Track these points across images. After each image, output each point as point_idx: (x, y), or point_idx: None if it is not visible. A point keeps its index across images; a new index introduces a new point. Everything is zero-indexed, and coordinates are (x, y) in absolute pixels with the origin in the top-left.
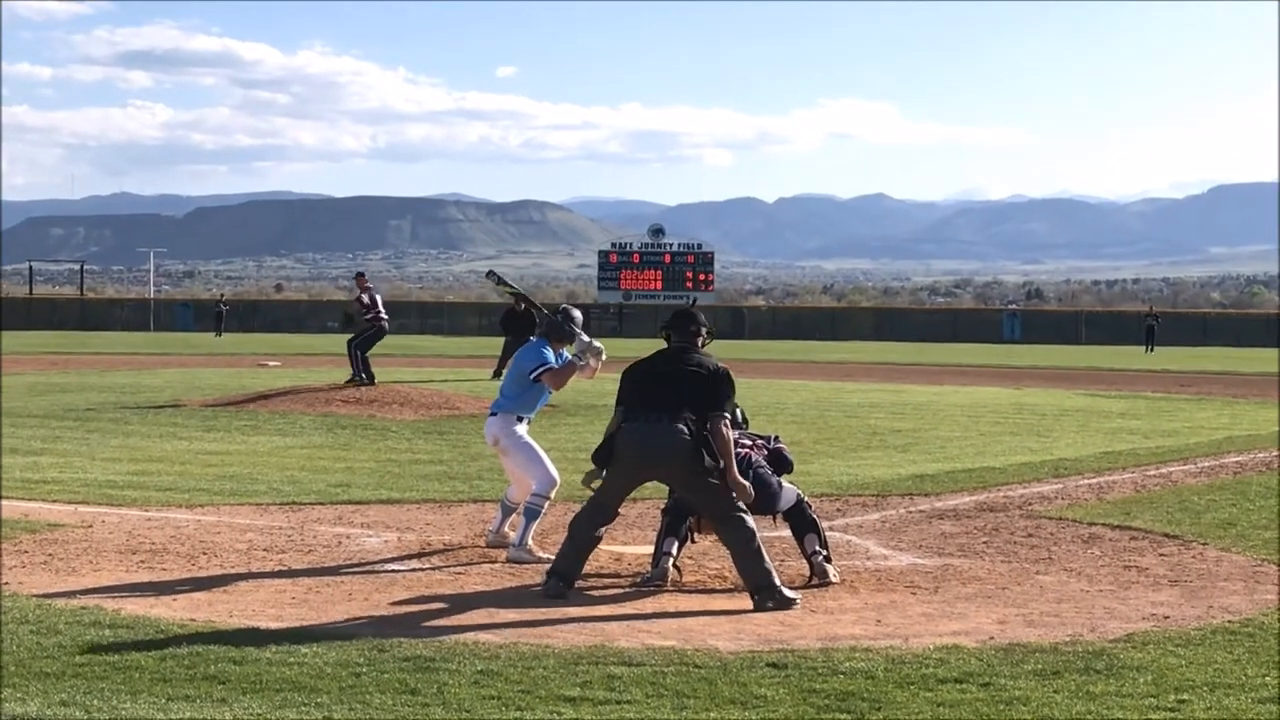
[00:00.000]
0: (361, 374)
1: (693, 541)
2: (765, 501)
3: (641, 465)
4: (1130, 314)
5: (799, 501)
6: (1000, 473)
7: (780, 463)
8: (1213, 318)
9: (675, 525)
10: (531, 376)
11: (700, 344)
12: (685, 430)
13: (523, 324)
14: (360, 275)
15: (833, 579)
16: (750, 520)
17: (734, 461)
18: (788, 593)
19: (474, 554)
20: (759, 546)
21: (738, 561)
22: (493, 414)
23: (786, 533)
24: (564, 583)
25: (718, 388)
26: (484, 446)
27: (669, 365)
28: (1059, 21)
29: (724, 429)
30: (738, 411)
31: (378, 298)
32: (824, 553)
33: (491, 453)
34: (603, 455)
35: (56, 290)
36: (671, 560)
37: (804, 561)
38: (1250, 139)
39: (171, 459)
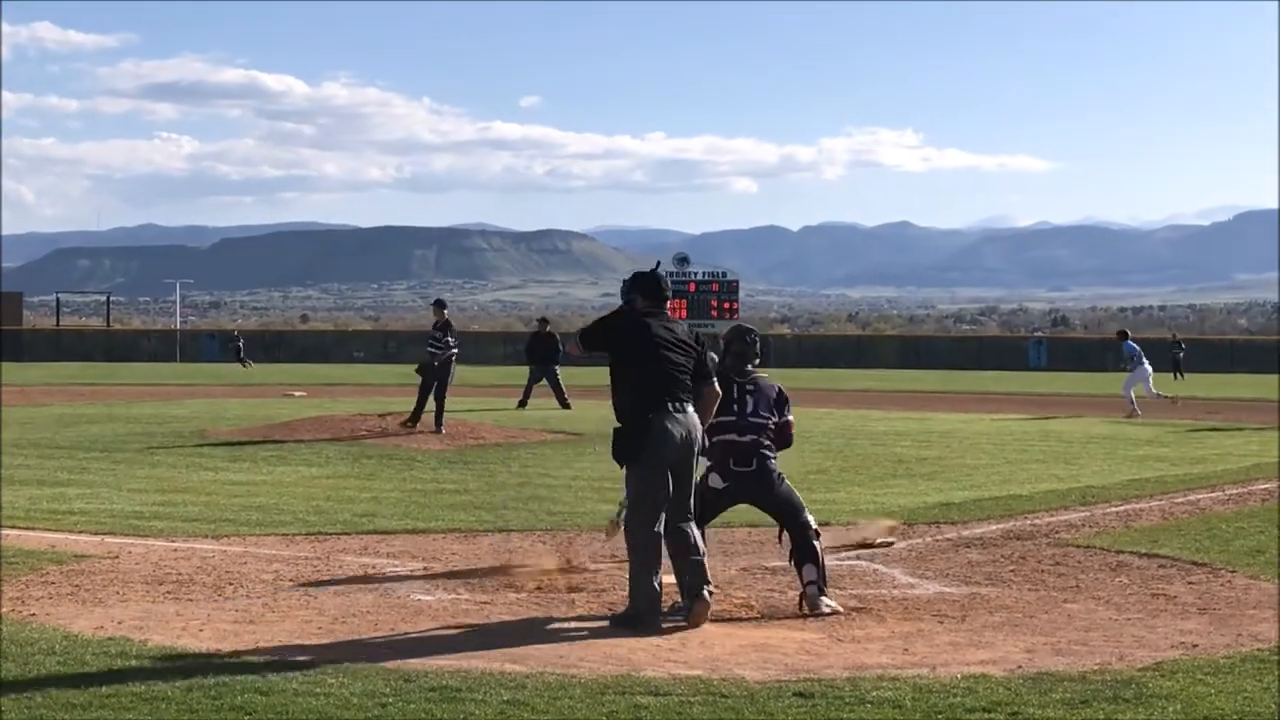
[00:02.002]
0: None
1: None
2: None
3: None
4: (1157, 341)
5: (806, 523)
6: (1027, 500)
7: (783, 437)
8: (1240, 344)
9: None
10: None
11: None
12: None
13: (547, 351)
14: (440, 303)
15: (824, 610)
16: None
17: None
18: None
19: (499, 584)
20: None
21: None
22: None
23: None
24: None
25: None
26: (509, 476)
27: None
28: (1083, 49)
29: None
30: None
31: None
32: (820, 584)
33: (516, 482)
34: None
35: (83, 321)
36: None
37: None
38: (1276, 164)
39: (197, 489)
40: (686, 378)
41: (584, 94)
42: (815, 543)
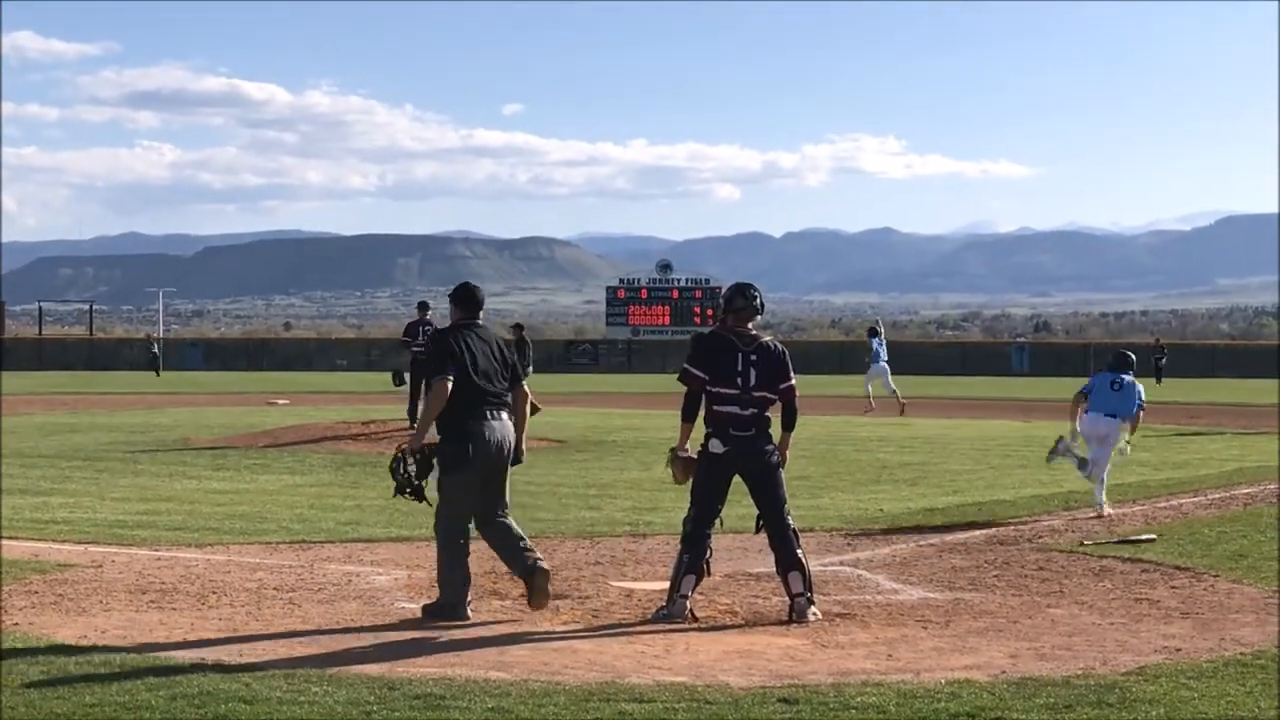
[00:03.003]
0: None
1: (708, 574)
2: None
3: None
4: (1139, 346)
5: (791, 529)
6: (1010, 506)
7: (789, 408)
8: (1221, 349)
9: (695, 562)
10: None
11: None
12: None
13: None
14: (424, 305)
15: (810, 620)
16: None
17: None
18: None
19: (483, 591)
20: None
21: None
22: None
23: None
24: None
25: None
26: None
27: None
28: (1064, 55)
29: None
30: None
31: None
32: (808, 595)
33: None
34: None
35: (66, 330)
36: (689, 600)
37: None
38: (1259, 170)
39: (181, 498)
40: (502, 385)
41: (566, 101)
42: (798, 550)
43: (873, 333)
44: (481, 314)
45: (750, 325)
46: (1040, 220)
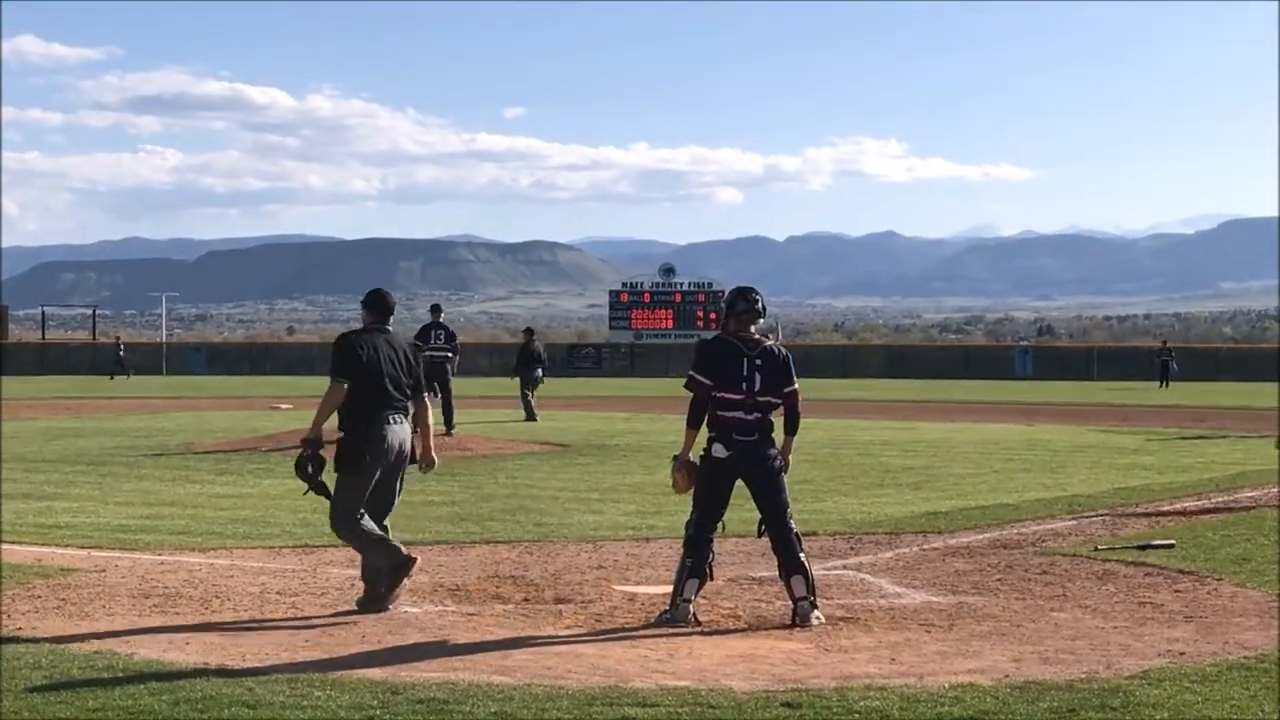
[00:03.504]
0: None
1: (711, 579)
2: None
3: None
4: (1142, 349)
5: (794, 533)
6: (1014, 509)
7: (792, 414)
8: (1224, 353)
9: (697, 567)
10: None
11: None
12: None
13: (527, 361)
14: (436, 307)
15: (813, 624)
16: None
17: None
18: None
19: (486, 595)
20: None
21: None
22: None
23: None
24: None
25: None
26: (496, 488)
27: None
28: (1066, 58)
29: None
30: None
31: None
32: (811, 599)
33: (503, 494)
34: None
35: (69, 335)
36: (692, 604)
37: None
38: (1261, 173)
39: (184, 503)
40: (405, 393)
41: (568, 105)
42: (801, 554)
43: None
44: (392, 320)
45: (753, 329)
46: (1043, 224)
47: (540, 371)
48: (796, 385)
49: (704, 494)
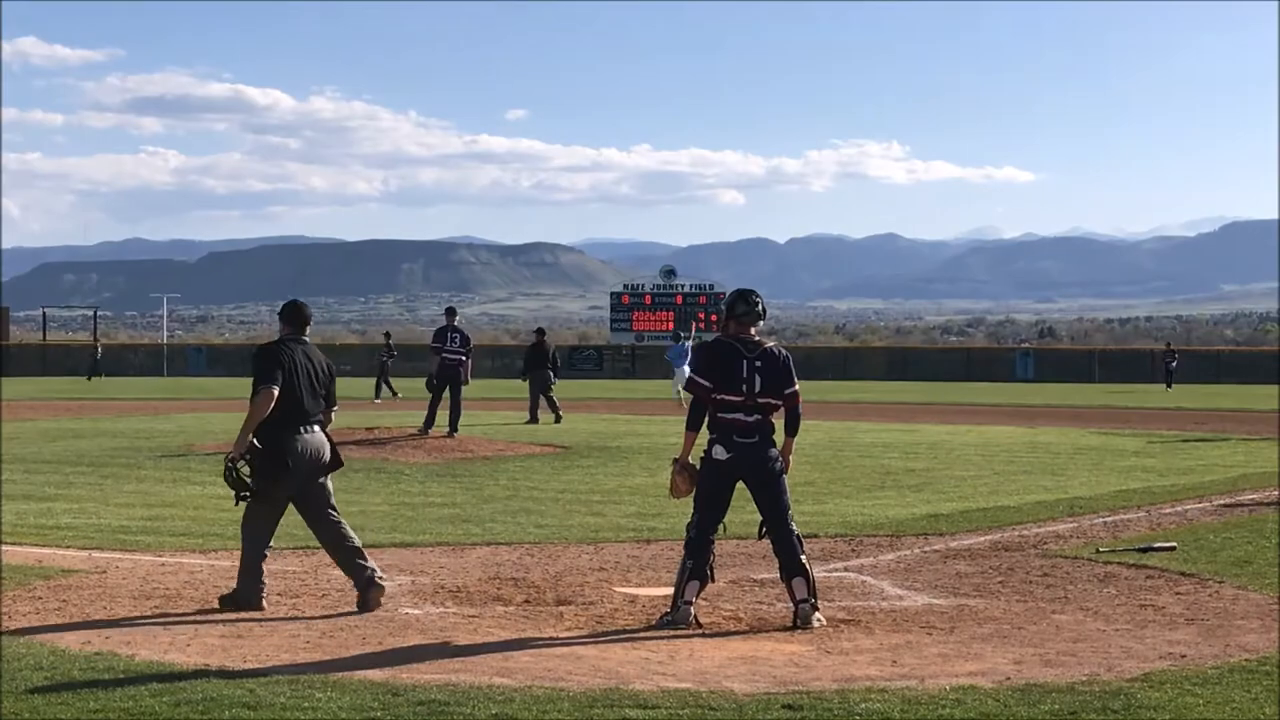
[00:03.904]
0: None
1: (712, 580)
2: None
3: None
4: (1143, 352)
5: (794, 535)
6: (1015, 512)
7: (793, 415)
8: (1226, 355)
9: (699, 568)
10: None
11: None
12: None
13: (538, 360)
14: (451, 310)
15: (814, 626)
16: None
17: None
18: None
19: (487, 597)
20: None
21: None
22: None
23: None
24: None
25: None
26: (498, 489)
27: None
28: (1069, 60)
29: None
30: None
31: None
32: (812, 600)
33: (505, 495)
34: None
35: (70, 336)
36: (693, 606)
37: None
38: (1263, 176)
39: (185, 504)
40: (320, 404)
41: (570, 107)
42: (802, 556)
43: (677, 338)
44: (309, 330)
45: (754, 331)
46: (1044, 226)
47: (552, 373)
48: (797, 386)
49: (705, 496)
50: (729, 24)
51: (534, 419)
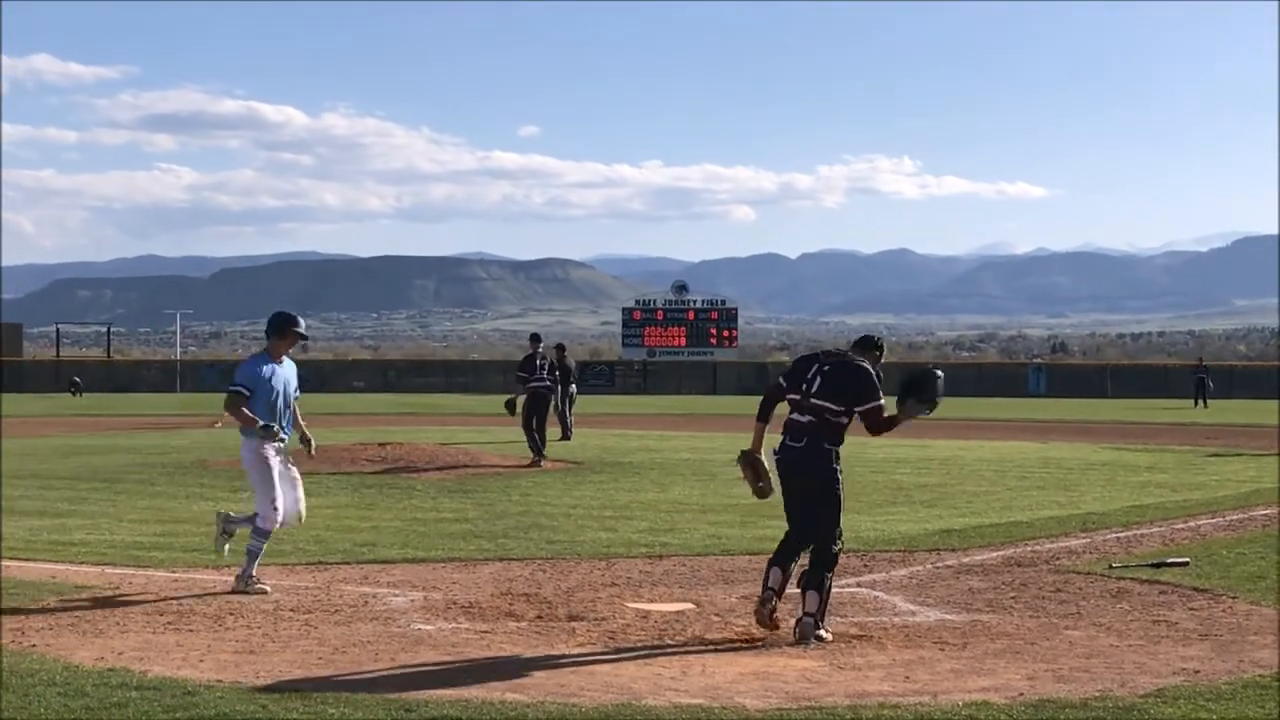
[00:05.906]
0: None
1: (786, 579)
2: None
3: None
4: (1155, 367)
5: (829, 552)
6: (1028, 527)
7: (871, 422)
8: (1240, 370)
9: (777, 558)
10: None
11: None
12: None
13: (561, 375)
14: (535, 336)
15: (813, 642)
16: None
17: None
18: None
19: (500, 612)
20: None
21: None
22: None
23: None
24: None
25: None
26: (509, 505)
27: None
28: (1080, 76)
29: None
30: None
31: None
32: (816, 618)
33: (517, 511)
34: None
35: (83, 352)
36: (770, 607)
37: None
38: (1274, 189)
39: (198, 520)
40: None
41: (582, 123)
42: (826, 575)
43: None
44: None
45: (862, 354)
46: (1056, 241)
47: (574, 388)
48: (881, 401)
49: (785, 500)
50: (740, 41)
51: (567, 435)
